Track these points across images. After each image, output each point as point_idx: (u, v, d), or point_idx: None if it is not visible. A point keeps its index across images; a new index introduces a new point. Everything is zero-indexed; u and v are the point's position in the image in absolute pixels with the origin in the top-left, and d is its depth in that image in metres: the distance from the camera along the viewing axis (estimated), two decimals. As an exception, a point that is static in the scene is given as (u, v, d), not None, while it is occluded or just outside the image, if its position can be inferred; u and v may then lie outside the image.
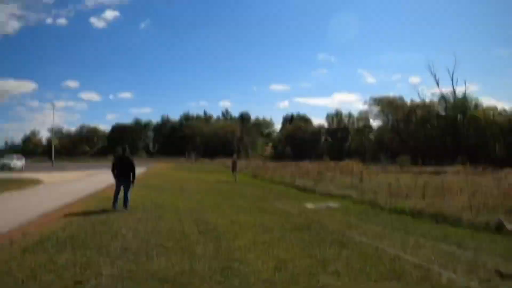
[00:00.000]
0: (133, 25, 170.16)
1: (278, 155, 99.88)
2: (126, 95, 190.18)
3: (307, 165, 45.39)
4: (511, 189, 17.42)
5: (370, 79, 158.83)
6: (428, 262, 7.55)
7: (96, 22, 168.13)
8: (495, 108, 74.39)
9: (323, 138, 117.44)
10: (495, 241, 10.22)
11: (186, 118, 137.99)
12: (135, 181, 14.42)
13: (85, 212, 12.97)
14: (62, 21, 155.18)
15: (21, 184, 23.30)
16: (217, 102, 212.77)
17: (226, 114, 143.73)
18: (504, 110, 73.90)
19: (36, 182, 25.40)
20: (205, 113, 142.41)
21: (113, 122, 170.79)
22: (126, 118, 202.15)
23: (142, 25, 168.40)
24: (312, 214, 14.41)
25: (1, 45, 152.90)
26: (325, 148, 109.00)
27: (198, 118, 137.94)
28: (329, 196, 20.64)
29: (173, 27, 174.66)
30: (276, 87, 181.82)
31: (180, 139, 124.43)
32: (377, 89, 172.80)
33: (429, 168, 47.87)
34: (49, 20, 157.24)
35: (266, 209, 15.48)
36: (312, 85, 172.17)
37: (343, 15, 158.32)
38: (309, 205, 16.86)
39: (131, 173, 14.04)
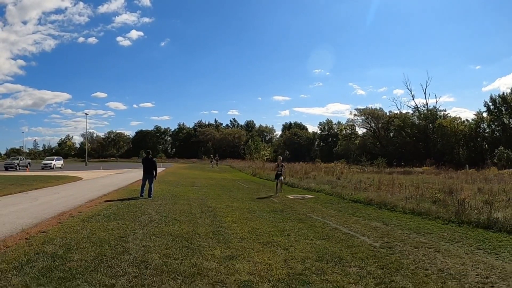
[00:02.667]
0: (154, 43, 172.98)
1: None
2: (148, 104, 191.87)
3: (298, 166, 46.95)
4: (448, 184, 19.64)
5: (360, 92, 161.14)
6: (355, 232, 9.68)
7: (122, 41, 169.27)
8: (459, 118, 76.21)
9: (316, 143, 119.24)
10: (413, 221, 11.89)
11: (199, 125, 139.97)
12: (157, 176, 16.91)
13: (120, 198, 15.47)
14: (92, 40, 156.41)
15: (66, 179, 25.86)
16: (227, 111, 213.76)
17: (233, 122, 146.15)
18: (467, 120, 75.88)
19: (77, 178, 27.88)
20: (215, 121, 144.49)
21: (137, 128, 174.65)
22: (148, 125, 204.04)
23: (163, 44, 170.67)
24: (289, 202, 16.39)
25: (40, 61, 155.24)
26: (317, 152, 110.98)
27: (209, 125, 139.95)
28: (308, 190, 22.44)
29: (189, 46, 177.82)
30: (278, 98, 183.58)
31: (194, 143, 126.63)
32: (366, 100, 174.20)
33: (400, 169, 49.69)
34: (81, 39, 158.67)
35: (257, 199, 17.61)
36: (310, 96, 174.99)
37: (337, 36, 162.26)
38: (290, 196, 18.76)
39: (154, 170, 16.55)
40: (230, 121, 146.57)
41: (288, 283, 5.50)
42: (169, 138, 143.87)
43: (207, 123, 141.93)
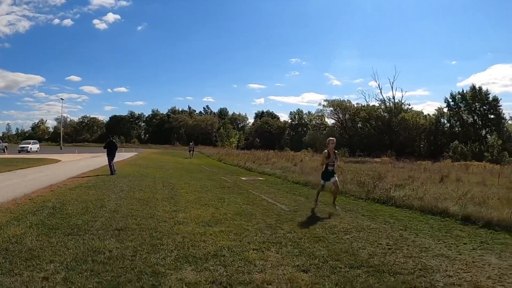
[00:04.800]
0: (131, 27, 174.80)
1: (249, 145, 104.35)
2: (122, 89, 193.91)
3: (262, 153, 50.08)
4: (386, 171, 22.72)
5: (336, 82, 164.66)
6: (277, 202, 12.70)
7: (99, 24, 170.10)
8: (421, 112, 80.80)
9: (286, 132, 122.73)
10: (337, 199, 14.75)
11: (173, 111, 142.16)
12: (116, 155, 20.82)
13: (96, 175, 18.55)
14: (68, 22, 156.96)
15: (46, 161, 28.69)
16: (202, 98, 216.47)
17: (207, 109, 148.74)
18: (428, 114, 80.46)
19: (56, 161, 30.72)
20: (189, 107, 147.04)
21: (111, 113, 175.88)
22: (122, 110, 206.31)
23: (140, 28, 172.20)
24: (241, 182, 19.35)
25: (13, 42, 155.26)
26: (288, 140, 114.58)
27: (183, 112, 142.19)
28: (262, 173, 25.41)
29: (166, 31, 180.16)
30: (254, 86, 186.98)
31: (167, 129, 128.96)
32: (341, 90, 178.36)
33: (361, 159, 53.28)
34: (56, 21, 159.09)
35: (213, 179, 20.60)
36: (285, 85, 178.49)
37: (316, 26, 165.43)
38: (243, 178, 21.79)
39: (115, 151, 20.49)
40: (204, 108, 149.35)
41: (207, 223, 8.65)
42: (143, 123, 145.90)
43: (180, 109, 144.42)
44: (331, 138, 11.82)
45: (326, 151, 11.62)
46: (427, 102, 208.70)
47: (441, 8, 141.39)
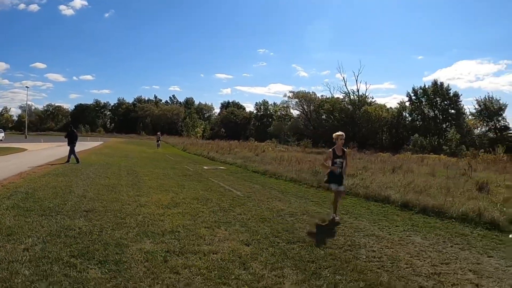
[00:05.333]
0: (98, 14, 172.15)
1: (214, 135, 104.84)
2: (88, 77, 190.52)
3: (225, 143, 50.92)
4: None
5: (303, 73, 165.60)
6: (233, 189, 13.75)
7: (65, 10, 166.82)
8: (384, 106, 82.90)
9: (252, 123, 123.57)
10: (286, 185, 15.61)
11: (139, 100, 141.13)
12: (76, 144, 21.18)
13: (62, 164, 19.16)
14: (34, 7, 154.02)
15: (12, 150, 28.84)
16: (168, 87, 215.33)
17: (173, 99, 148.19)
18: (391, 108, 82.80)
19: (22, 149, 30.90)
20: (155, 97, 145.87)
21: (76, 102, 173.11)
22: (88, 98, 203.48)
23: (107, 15, 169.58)
24: (202, 171, 20.27)
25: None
26: (253, 131, 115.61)
27: (149, 101, 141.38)
28: (224, 163, 26.40)
29: (134, 19, 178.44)
30: (221, 76, 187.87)
31: (133, 119, 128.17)
32: (308, 82, 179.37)
33: (323, 149, 54.54)
34: (22, 6, 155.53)
35: (176, 167, 21.46)
36: (252, 76, 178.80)
37: (283, 18, 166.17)
38: (205, 167, 22.70)
39: (75, 141, 20.92)
40: (170, 97, 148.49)
41: (166, 206, 9.61)
42: (108, 112, 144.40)
43: (146, 98, 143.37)
44: (339, 132, 9.30)
45: (331, 150, 9.26)
46: (393, 96, 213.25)
47: (410, 4, 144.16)
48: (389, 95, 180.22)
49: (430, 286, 5.20)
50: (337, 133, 9.32)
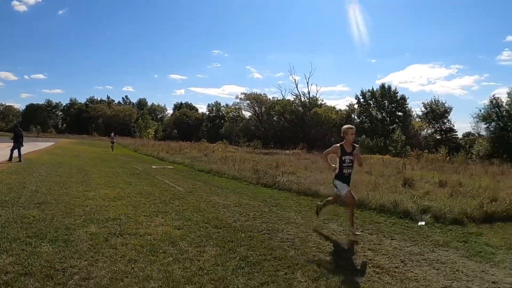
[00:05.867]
0: (52, 11, 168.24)
1: (166, 136, 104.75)
2: (40, 76, 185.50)
3: (176, 144, 51.86)
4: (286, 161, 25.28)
5: (257, 75, 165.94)
6: (177, 185, 14.85)
7: (18, 5, 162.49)
8: (333, 108, 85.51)
9: (204, 124, 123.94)
10: (228, 182, 16.74)
11: (91, 101, 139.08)
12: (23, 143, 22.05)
13: (16, 163, 19.73)
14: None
15: (-38, 149, 28.83)
16: (121, 87, 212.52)
17: (126, 99, 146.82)
18: (340, 110, 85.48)
19: (-29, 148, 30.78)
20: (108, 97, 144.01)
21: (27, 101, 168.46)
22: (39, 98, 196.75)
23: (61, 12, 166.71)
24: (150, 170, 21.05)
25: None
26: (205, 132, 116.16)
27: (101, 101, 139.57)
28: (173, 162, 27.25)
29: (88, 17, 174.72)
30: (175, 76, 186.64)
31: (85, 119, 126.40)
32: (262, 83, 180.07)
33: (273, 150, 55.88)
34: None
35: (125, 167, 22.28)
36: (207, 77, 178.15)
37: (238, 19, 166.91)
38: (154, 166, 23.55)
39: (21, 140, 21.76)
40: (123, 98, 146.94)
41: (112, 199, 10.69)
42: (60, 113, 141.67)
43: (99, 99, 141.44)
44: (350, 126, 8.02)
45: (338, 145, 7.84)
46: (346, 98, 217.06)
47: (363, 7, 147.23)
48: (343, 97, 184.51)
49: (328, 259, 6.36)
50: (347, 126, 8.00)
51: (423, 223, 9.26)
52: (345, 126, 8.04)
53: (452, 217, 9.57)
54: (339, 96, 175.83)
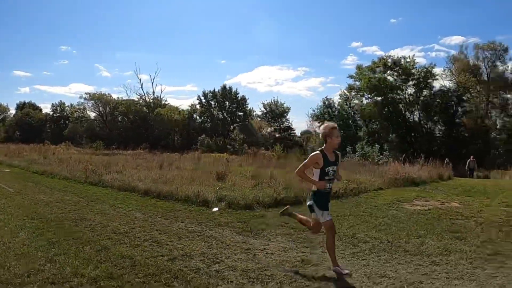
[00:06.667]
0: None
1: (8, 139, 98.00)
2: None
3: (15, 147, 49.50)
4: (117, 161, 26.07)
5: (106, 73, 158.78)
6: (9, 187, 15.00)
7: None
8: (176, 108, 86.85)
9: (48, 125, 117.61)
10: (58, 182, 17.44)
11: None
12: None
13: None
14: None
15: None
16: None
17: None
18: (183, 110, 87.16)
19: None
20: None
21: None
22: None
23: None
24: None
25: None
26: (49, 133, 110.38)
27: None
28: (10, 165, 26.89)
29: None
30: (19, 73, 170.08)
31: None
32: (111, 82, 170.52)
33: (113, 151, 55.17)
34: None
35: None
36: (53, 74, 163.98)
37: (88, 13, 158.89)
38: None
39: None
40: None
41: None
42: None
43: None
44: (333, 125, 5.90)
45: (318, 152, 5.85)
46: (195, 97, 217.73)
47: (213, 9, 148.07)
48: (192, 96, 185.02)
49: (119, 239, 7.54)
50: (330, 125, 5.86)
51: (216, 209, 10.69)
52: (326, 125, 5.87)
53: (244, 203, 11.13)
54: (188, 96, 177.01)
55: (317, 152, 5.79)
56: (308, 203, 5.95)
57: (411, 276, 5.71)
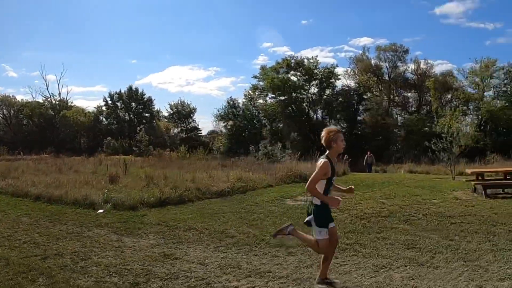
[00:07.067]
0: None
1: None
2: None
3: None
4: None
5: (12, 74, 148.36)
6: None
7: None
8: (82, 110, 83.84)
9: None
10: None
11: None
12: None
13: None
14: None
15: None
16: None
17: None
18: (89, 112, 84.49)
19: None
20: None
21: None
22: None
23: None
24: None
25: None
26: None
27: None
28: None
29: None
30: None
31: None
32: (18, 83, 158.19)
33: (16, 156, 52.49)
34: None
35: None
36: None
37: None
38: None
39: None
40: None
41: None
42: None
43: None
44: (336, 129, 5.06)
45: (326, 160, 4.87)
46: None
47: (123, 7, 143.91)
48: (101, 98, 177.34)
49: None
50: (333, 129, 5.02)
51: (102, 210, 10.48)
52: (331, 129, 5.02)
53: (129, 204, 10.93)
54: (97, 97, 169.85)
55: (325, 160, 4.87)
56: (306, 219, 5.17)
57: (263, 266, 5.99)
